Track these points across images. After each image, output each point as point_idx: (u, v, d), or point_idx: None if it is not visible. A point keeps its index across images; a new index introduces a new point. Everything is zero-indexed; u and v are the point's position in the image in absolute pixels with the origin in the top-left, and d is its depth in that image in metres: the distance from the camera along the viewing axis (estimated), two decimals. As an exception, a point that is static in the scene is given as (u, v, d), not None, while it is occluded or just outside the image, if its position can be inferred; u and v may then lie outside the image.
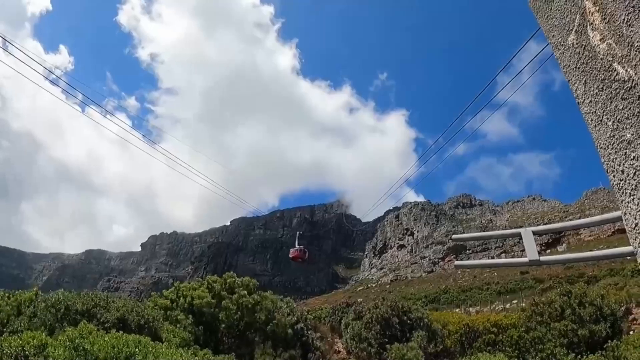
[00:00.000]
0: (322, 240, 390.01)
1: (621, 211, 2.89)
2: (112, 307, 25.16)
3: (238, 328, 31.13)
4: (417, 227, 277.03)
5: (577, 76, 3.22)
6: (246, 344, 30.67)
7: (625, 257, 7.11)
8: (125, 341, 15.76)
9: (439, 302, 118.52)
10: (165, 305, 31.49)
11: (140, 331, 21.92)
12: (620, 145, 2.71)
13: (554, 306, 29.82)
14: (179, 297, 32.55)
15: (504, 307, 74.93)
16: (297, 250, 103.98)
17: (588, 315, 28.24)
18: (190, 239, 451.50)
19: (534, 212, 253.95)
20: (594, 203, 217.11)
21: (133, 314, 24.49)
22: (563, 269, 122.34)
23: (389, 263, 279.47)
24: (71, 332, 16.50)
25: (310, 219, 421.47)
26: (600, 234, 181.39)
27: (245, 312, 31.39)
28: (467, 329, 33.65)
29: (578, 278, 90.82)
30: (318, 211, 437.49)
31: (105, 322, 23.12)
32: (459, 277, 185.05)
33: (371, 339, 33.24)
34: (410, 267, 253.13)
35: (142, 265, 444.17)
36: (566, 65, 3.34)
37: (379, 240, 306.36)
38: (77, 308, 24.94)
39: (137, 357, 14.75)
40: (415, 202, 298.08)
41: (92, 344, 15.27)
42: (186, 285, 34.31)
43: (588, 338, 27.14)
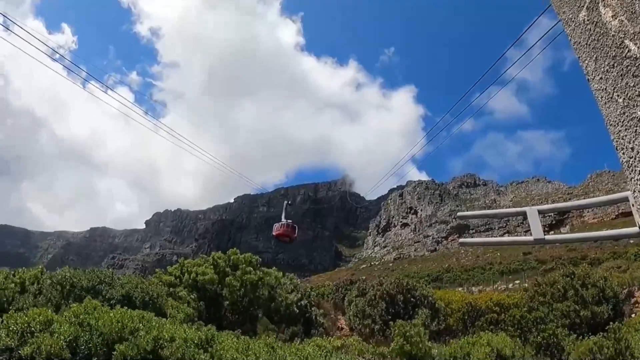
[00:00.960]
0: (326, 218, 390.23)
1: (630, 189, 2.88)
2: (117, 284, 25.27)
3: (242, 304, 31.26)
4: (421, 205, 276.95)
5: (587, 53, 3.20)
6: (250, 319, 30.80)
7: (630, 238, 7.13)
8: (129, 317, 15.81)
9: (442, 281, 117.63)
10: (169, 282, 31.61)
11: (145, 307, 22.01)
12: (630, 122, 2.69)
13: (557, 287, 29.86)
14: (183, 273, 32.68)
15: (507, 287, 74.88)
16: (283, 226, 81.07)
17: (590, 296, 28.27)
18: (194, 216, 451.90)
19: (538, 193, 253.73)
20: (598, 186, 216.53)
21: (138, 290, 24.59)
22: (566, 250, 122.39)
23: (393, 241, 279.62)
24: (76, 308, 16.57)
25: (314, 196, 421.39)
26: (604, 216, 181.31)
27: (248, 289, 31.51)
28: (469, 308, 33.74)
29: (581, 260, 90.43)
30: (322, 189, 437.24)
31: (110, 298, 23.21)
32: (462, 257, 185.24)
33: (375, 315, 33.31)
34: (413, 246, 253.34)
35: (146, 242, 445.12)
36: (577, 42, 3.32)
37: (383, 218, 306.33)
38: (82, 285, 25.04)
39: (141, 332, 14.80)
40: (419, 181, 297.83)
41: (96, 319, 15.32)
42: (190, 262, 34.43)
43: (590, 319, 27.18)
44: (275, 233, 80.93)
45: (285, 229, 78.59)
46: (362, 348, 22.34)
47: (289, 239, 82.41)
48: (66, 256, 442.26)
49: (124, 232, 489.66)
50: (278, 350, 16.35)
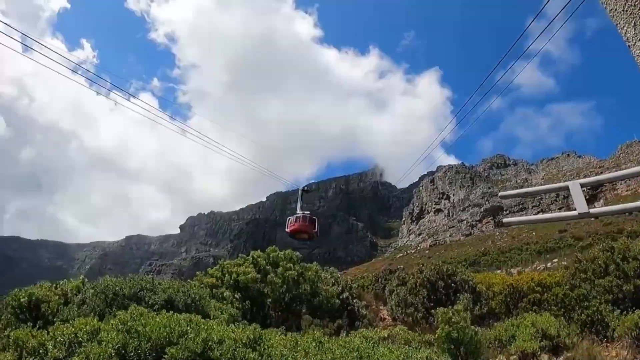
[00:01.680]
0: (359, 210, 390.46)
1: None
2: (159, 289, 25.46)
3: (284, 301, 31.36)
4: (452, 190, 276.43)
5: (625, 19, 3.17)
6: (293, 316, 30.91)
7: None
8: (176, 320, 15.91)
9: (479, 265, 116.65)
10: (211, 284, 31.78)
11: (188, 310, 22.15)
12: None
13: (598, 262, 29.63)
14: (224, 274, 32.82)
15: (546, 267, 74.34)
16: (299, 220, 58.60)
17: (632, 270, 28.01)
18: (228, 217, 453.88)
19: (569, 168, 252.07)
20: (629, 157, 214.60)
21: (180, 294, 24.76)
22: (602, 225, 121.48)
23: (427, 228, 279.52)
24: (122, 315, 16.72)
25: (346, 189, 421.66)
26: (638, 187, 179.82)
27: (290, 285, 31.61)
28: (511, 290, 33.57)
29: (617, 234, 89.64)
30: (353, 181, 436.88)
31: (153, 304, 23.40)
32: (497, 239, 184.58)
33: (417, 303, 33.28)
34: (448, 231, 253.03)
35: (182, 246, 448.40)
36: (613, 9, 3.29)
37: (416, 205, 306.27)
38: (124, 292, 25.27)
39: (190, 335, 14.91)
40: (449, 165, 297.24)
41: (144, 325, 15.44)
42: (230, 262, 34.59)
43: (633, 293, 26.94)
44: (289, 229, 57.49)
45: (301, 224, 56.58)
46: (408, 337, 22.36)
47: (308, 236, 58.64)
48: (103, 266, 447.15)
49: (159, 238, 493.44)
50: (326, 344, 16.41)
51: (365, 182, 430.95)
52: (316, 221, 56.80)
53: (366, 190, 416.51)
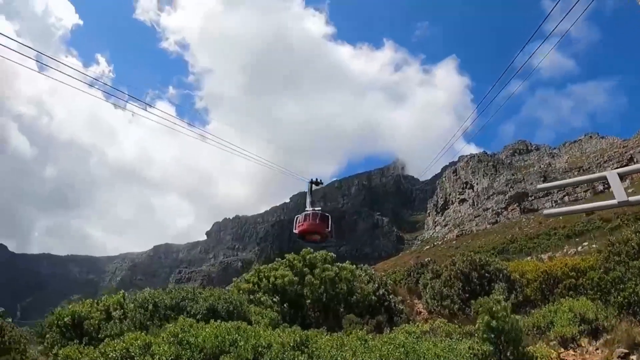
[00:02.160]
0: (383, 205, 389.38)
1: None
2: (200, 298, 25.79)
3: (322, 302, 31.65)
4: (476, 179, 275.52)
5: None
6: (333, 316, 31.18)
7: None
8: (225, 329, 16.24)
9: (508, 253, 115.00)
10: (248, 289, 32.11)
11: (230, 318, 22.45)
12: None
13: (631, 244, 29.57)
14: (261, 279, 33.15)
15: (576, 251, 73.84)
16: (308, 218, 46.58)
17: (666, 250, 27.99)
18: (253, 220, 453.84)
19: (592, 150, 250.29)
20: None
21: (221, 301, 25.06)
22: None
23: (452, 219, 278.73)
24: (172, 327, 17.05)
25: (369, 184, 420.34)
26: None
27: (328, 285, 31.89)
28: (546, 276, 33.56)
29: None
30: (375, 176, 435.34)
31: (195, 313, 23.71)
32: (524, 225, 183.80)
33: (453, 295, 33.38)
34: (474, 221, 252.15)
35: (209, 252, 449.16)
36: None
37: (440, 197, 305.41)
38: (165, 303, 25.62)
39: (240, 342, 15.23)
40: (471, 155, 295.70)
41: (195, 336, 15.77)
42: (266, 267, 34.93)
43: (668, 274, 26.95)
44: (297, 230, 45.74)
45: (311, 222, 45.36)
46: (448, 329, 22.56)
47: (320, 236, 45.71)
48: (134, 277, 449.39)
49: (186, 245, 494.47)
50: (370, 341, 16.68)
51: (388, 177, 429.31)
52: (329, 219, 44.97)
53: (389, 184, 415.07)
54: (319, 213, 46.26)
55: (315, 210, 47.00)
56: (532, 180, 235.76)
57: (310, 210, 46.99)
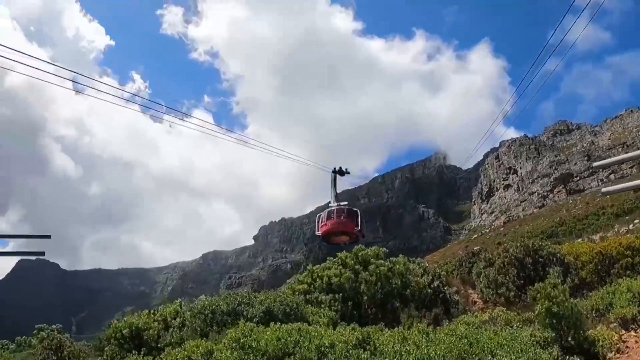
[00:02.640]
0: (427, 196, 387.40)
1: None
2: (256, 302, 25.87)
3: (378, 298, 31.55)
4: (519, 163, 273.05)
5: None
6: (390, 311, 31.06)
7: None
8: (287, 331, 16.24)
9: (557, 236, 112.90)
10: (303, 290, 32.14)
11: (287, 319, 22.45)
12: None
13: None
14: (315, 279, 33.16)
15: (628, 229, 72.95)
16: (333, 216, 38.37)
17: None
18: (299, 222, 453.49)
19: (634, 125, 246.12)
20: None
21: (277, 304, 25.10)
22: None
23: (498, 205, 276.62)
24: (233, 332, 17.06)
25: (412, 177, 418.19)
26: None
27: (383, 281, 31.79)
28: (600, 257, 33.06)
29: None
30: (417, 168, 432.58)
31: (252, 317, 23.76)
32: (571, 207, 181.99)
33: (508, 282, 33.06)
34: (520, 206, 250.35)
35: (258, 257, 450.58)
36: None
37: (484, 184, 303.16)
38: (222, 309, 25.73)
39: (303, 343, 15.22)
40: (512, 139, 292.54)
41: (257, 340, 15.79)
42: (319, 267, 34.92)
43: None
44: (320, 232, 39.03)
45: (335, 222, 37.96)
46: (508, 317, 22.38)
47: (348, 237, 38.83)
48: (185, 285, 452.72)
49: (234, 251, 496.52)
50: (432, 334, 16.58)
51: (430, 168, 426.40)
52: (358, 215, 37.54)
53: (432, 176, 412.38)
54: (344, 208, 38.13)
55: (340, 205, 38.62)
56: (576, 160, 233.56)
57: (334, 206, 38.59)
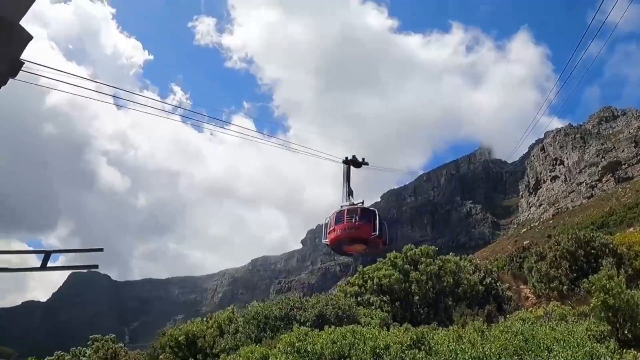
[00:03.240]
0: (474, 192, 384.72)
1: None
2: (308, 306, 25.98)
3: (430, 297, 31.48)
4: (565, 154, 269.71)
5: None
6: (443, 309, 30.97)
7: None
8: (341, 334, 16.30)
9: (608, 226, 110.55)
10: (354, 292, 32.18)
11: (340, 322, 22.53)
12: None
13: None
14: (366, 280, 33.18)
15: (681, 214, 71.92)
16: (343, 219, 30.92)
17: None
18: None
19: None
20: None
21: (329, 307, 25.19)
22: None
23: (546, 198, 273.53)
24: (287, 337, 17.17)
25: (457, 173, 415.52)
26: None
27: (434, 280, 31.71)
28: (654, 246, 32.65)
29: None
30: (462, 164, 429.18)
31: (305, 321, 23.87)
32: (621, 195, 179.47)
33: (560, 276, 32.72)
34: (568, 197, 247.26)
35: (306, 260, 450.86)
36: None
37: (530, 177, 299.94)
38: (274, 314, 25.90)
39: (359, 346, 15.26)
40: (556, 129, 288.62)
41: (312, 344, 15.86)
42: (370, 268, 34.94)
43: None
44: (329, 239, 32.59)
45: (346, 226, 31.14)
46: (562, 312, 22.17)
47: (365, 245, 31.78)
48: (235, 292, 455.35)
49: (283, 256, 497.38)
50: (487, 332, 16.50)
51: (475, 163, 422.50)
52: (376, 216, 30.96)
53: (477, 171, 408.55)
54: (358, 208, 31.39)
55: (353, 204, 32.02)
56: (623, 147, 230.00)
57: (345, 206, 31.77)
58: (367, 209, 32.12)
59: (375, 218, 30.76)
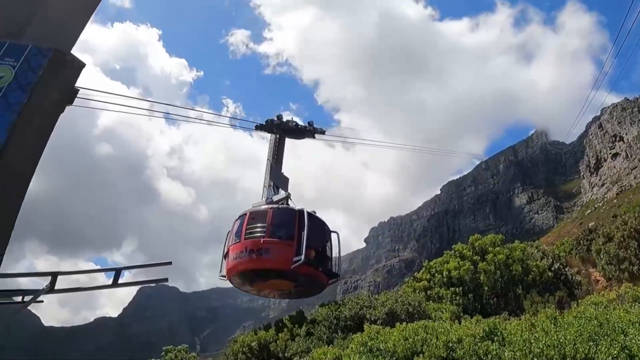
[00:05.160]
0: (534, 177, 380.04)
1: None
2: (378, 304, 26.06)
3: (499, 287, 31.25)
4: (623, 129, 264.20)
5: None
6: (513, 298, 30.73)
7: None
8: (413, 330, 16.31)
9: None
10: (422, 287, 32.18)
11: (410, 318, 22.53)
12: None
13: None
14: (433, 274, 33.14)
15: None
16: (250, 230, 20.16)
17: None
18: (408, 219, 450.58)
19: None
20: None
21: (398, 303, 25.24)
22: None
23: (608, 176, 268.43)
24: (359, 337, 17.25)
25: (515, 159, 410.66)
26: None
27: (502, 269, 31.48)
28: None
29: None
30: (520, 148, 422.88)
31: (375, 319, 23.96)
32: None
33: (630, 257, 32.21)
34: (631, 174, 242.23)
35: (371, 259, 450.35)
36: None
37: (590, 156, 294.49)
38: (345, 315, 26.06)
39: (431, 341, 15.25)
40: (613, 105, 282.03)
41: (384, 342, 15.90)
42: (436, 261, 34.88)
43: None
44: (226, 271, 21.64)
45: (249, 250, 19.88)
46: (635, 294, 21.83)
47: (291, 277, 20.29)
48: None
49: (347, 256, 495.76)
50: (560, 319, 16.32)
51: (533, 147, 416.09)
52: (306, 223, 19.95)
53: (535, 154, 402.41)
54: (271, 211, 21.35)
55: (276, 205, 22.30)
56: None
57: (263, 207, 22.18)
58: (289, 209, 21.61)
59: (303, 228, 19.58)
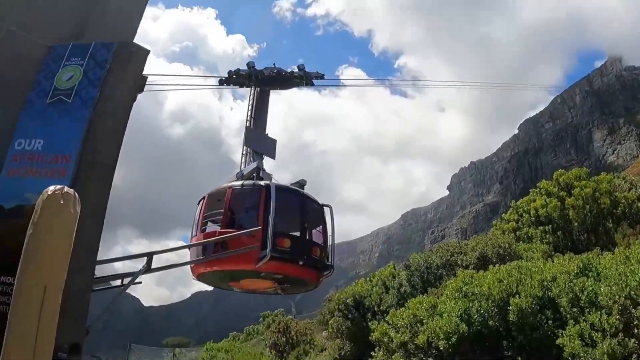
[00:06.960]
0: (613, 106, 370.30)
1: None
2: (468, 249, 26.14)
3: (589, 222, 30.84)
4: None
5: None
6: (602, 234, 30.32)
7: None
8: (506, 271, 16.39)
9: None
10: (511, 228, 32.03)
11: (502, 260, 22.58)
12: None
13: None
14: (521, 214, 32.91)
15: None
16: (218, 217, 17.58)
17: None
18: (488, 162, 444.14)
19: None
20: None
21: (489, 247, 25.25)
22: None
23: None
24: (453, 283, 17.45)
25: (590, 89, 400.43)
26: None
27: (591, 203, 31.05)
28: None
29: None
30: (594, 78, 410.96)
31: (467, 265, 24.06)
32: None
33: None
34: None
35: (455, 206, 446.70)
36: None
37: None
38: (436, 263, 26.22)
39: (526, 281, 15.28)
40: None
41: (479, 285, 16.03)
42: (523, 201, 34.62)
43: None
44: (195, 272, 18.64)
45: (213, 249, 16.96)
46: None
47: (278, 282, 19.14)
48: (390, 249, 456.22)
49: (431, 205, 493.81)
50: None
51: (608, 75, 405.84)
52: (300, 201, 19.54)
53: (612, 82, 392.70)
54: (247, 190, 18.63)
55: (241, 182, 18.91)
56: None
57: (224, 185, 19.18)
58: (253, 187, 18.33)
59: (269, 211, 16.70)
